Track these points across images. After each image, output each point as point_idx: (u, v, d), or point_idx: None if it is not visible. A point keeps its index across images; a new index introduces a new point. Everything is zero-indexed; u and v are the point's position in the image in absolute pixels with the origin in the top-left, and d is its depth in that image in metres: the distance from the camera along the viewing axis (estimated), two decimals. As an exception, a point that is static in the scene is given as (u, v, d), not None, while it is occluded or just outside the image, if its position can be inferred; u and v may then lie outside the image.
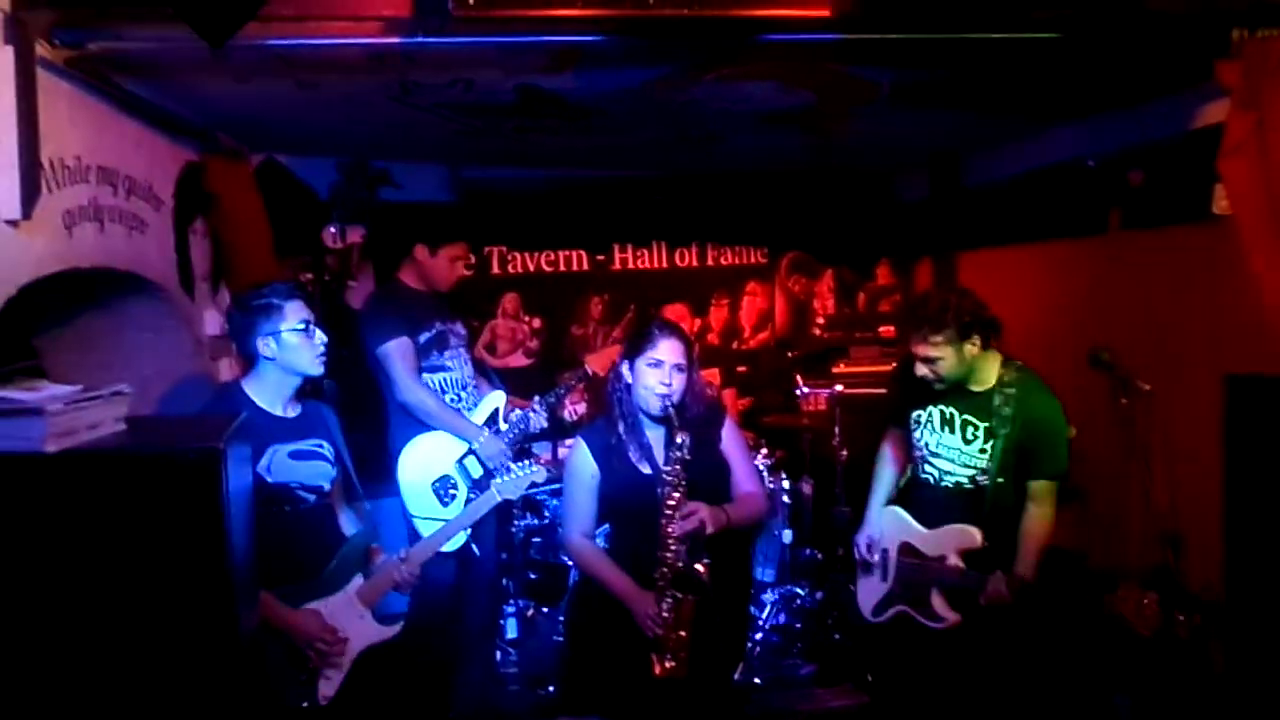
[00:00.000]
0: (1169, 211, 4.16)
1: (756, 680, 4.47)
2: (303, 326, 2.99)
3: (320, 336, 3.05)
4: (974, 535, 3.27)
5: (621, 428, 3.25)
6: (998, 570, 3.16)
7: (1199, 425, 3.60)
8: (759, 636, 4.68)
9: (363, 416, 5.25)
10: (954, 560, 3.31)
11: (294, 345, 2.98)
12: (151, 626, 2.04)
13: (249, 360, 3.07)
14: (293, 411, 3.09)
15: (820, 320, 6.87)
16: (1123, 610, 2.87)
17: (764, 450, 5.18)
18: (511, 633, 4.79)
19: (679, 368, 3.15)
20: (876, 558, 3.56)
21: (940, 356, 3.20)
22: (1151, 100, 4.13)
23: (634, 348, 3.21)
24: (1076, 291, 4.97)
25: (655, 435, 3.24)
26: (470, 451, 4.12)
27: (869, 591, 3.64)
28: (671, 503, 3.06)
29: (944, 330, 3.17)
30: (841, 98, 4.10)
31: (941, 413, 3.39)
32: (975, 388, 3.32)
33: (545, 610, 4.85)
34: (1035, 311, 5.18)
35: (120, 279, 3.42)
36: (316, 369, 3.06)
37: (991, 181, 5.69)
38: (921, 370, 3.27)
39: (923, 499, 3.48)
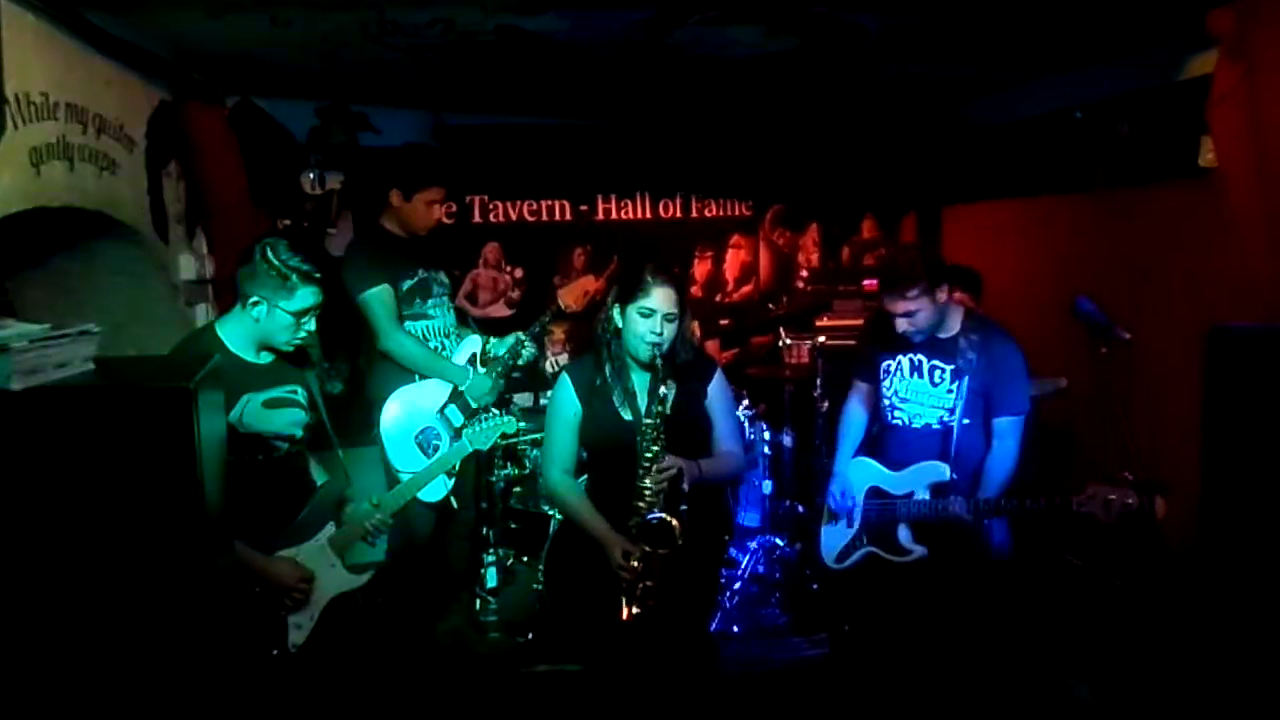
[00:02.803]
0: (1155, 167, 4.14)
1: (735, 629, 4.50)
2: (298, 313, 2.93)
3: (310, 327, 3.00)
4: (942, 469, 3.41)
5: (607, 370, 3.22)
6: (958, 496, 3.31)
7: (1181, 376, 3.61)
8: (738, 586, 4.71)
9: (343, 365, 5.24)
10: (923, 495, 3.45)
11: (280, 324, 2.93)
12: (122, 567, 2.02)
13: (237, 297, 3.01)
14: (266, 357, 3.05)
15: (804, 274, 6.85)
16: (1091, 510, 2.98)
17: (745, 402, 5.17)
18: (491, 581, 4.79)
19: (670, 317, 3.10)
20: (848, 505, 3.66)
21: (918, 309, 3.34)
22: (1140, 50, 4.09)
23: (626, 294, 3.16)
24: (1061, 245, 4.97)
25: (640, 381, 3.21)
26: (451, 401, 4.10)
27: (833, 538, 3.75)
28: (649, 455, 3.04)
29: (919, 283, 3.30)
30: (828, 43, 4.04)
31: (910, 360, 3.53)
32: (941, 335, 3.48)
33: (525, 559, 4.86)
34: (1020, 265, 5.19)
35: (92, 220, 3.35)
36: (284, 347, 3.01)
37: (978, 132, 5.66)
38: (903, 326, 3.39)
39: (893, 442, 3.61)
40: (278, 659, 2.97)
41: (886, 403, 3.61)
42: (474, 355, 4.22)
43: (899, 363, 3.56)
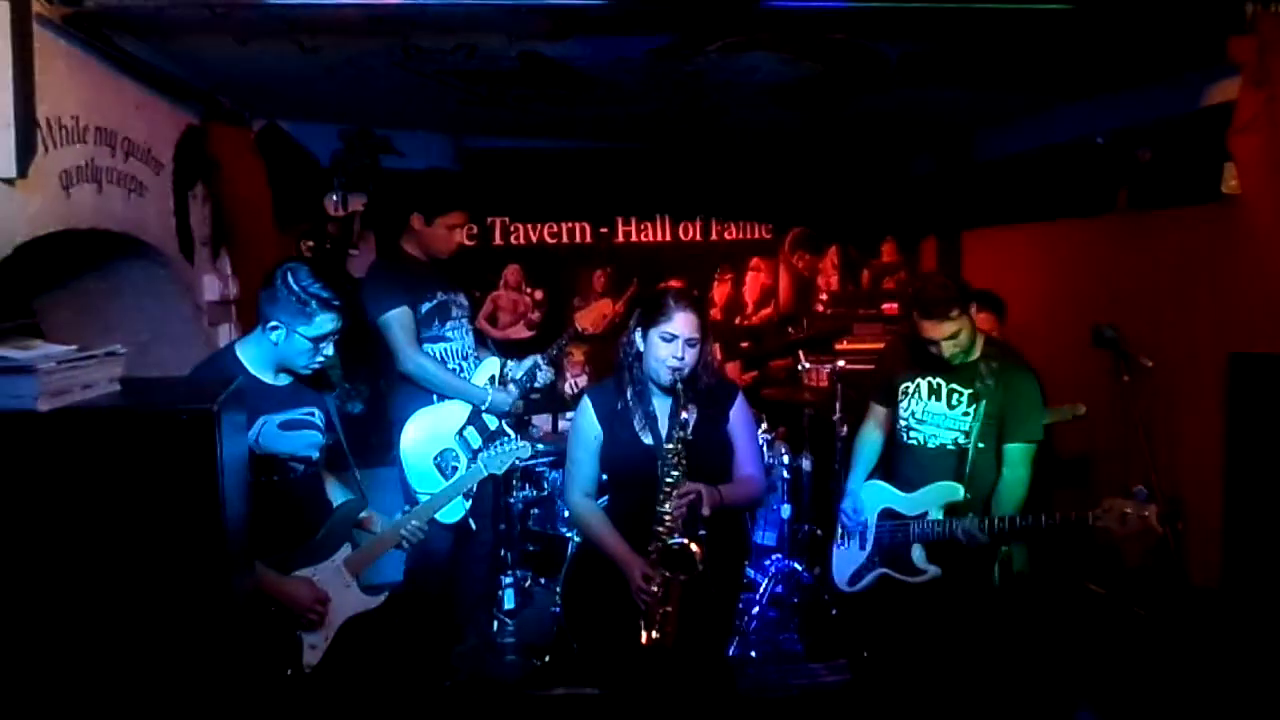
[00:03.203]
0: (1177, 191, 4.12)
1: (752, 654, 4.48)
2: (316, 338, 2.95)
3: (328, 352, 3.02)
4: (957, 489, 3.43)
5: (629, 394, 3.22)
6: (971, 514, 3.33)
7: (1202, 404, 3.59)
8: (755, 610, 4.69)
9: (363, 386, 5.28)
10: (936, 515, 3.46)
11: (298, 349, 2.95)
12: (143, 587, 2.04)
13: (258, 319, 3.04)
14: (284, 379, 3.07)
15: (824, 297, 6.84)
16: (1107, 524, 2.97)
17: (764, 425, 5.16)
18: (509, 603, 4.80)
19: (691, 342, 3.10)
20: (859, 527, 3.68)
21: (960, 328, 3.36)
22: (1162, 77, 4.08)
23: (647, 318, 3.16)
24: (1082, 270, 4.95)
25: (661, 405, 3.20)
26: (469, 423, 4.11)
27: (846, 561, 3.76)
28: (669, 480, 3.03)
29: (957, 303, 3.33)
30: (848, 70, 4.06)
31: (929, 383, 3.55)
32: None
33: (543, 581, 4.86)
34: (1040, 290, 5.17)
35: (119, 242, 3.40)
36: (302, 371, 3.04)
37: (999, 158, 5.66)
38: (948, 349, 3.39)
39: (907, 463, 3.63)
40: (292, 679, 2.97)
41: (902, 424, 3.62)
42: (492, 376, 4.23)
43: (917, 385, 3.58)
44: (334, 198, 5.15)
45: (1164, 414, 3.84)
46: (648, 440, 3.17)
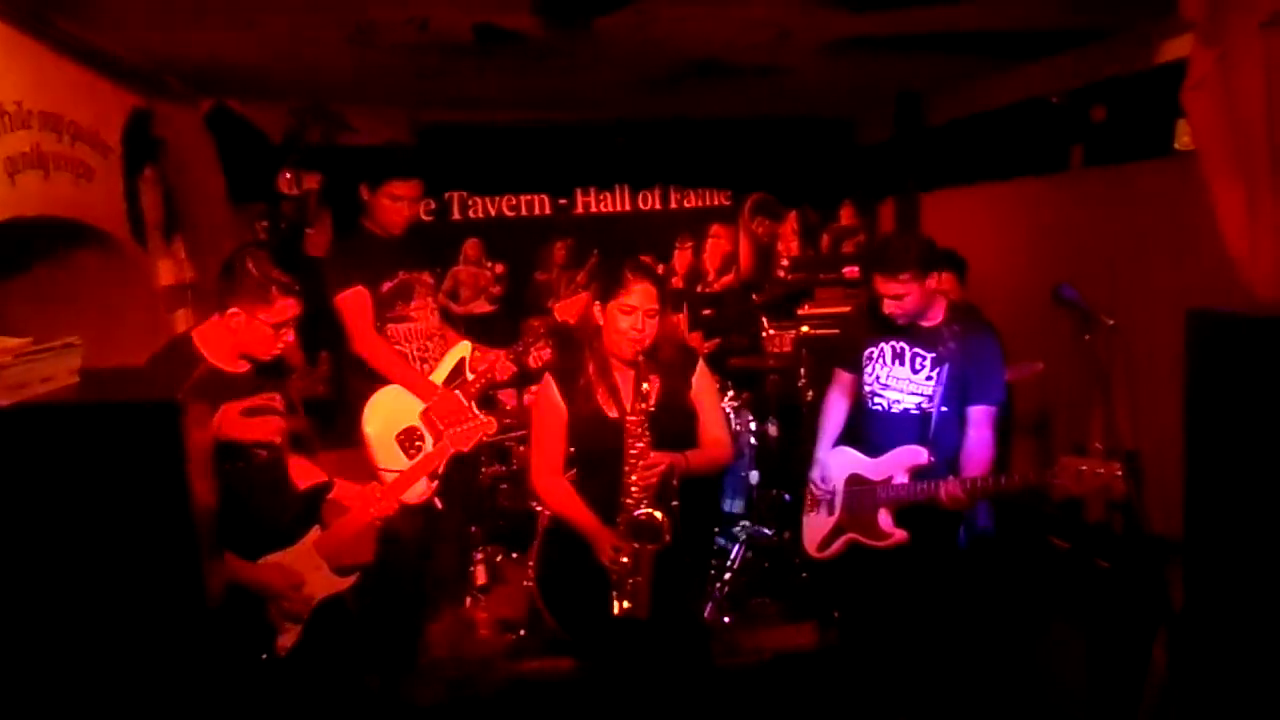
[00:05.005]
0: (1132, 148, 4.17)
1: (725, 619, 4.52)
2: (276, 325, 2.91)
3: (289, 337, 2.97)
4: (920, 453, 3.43)
5: (591, 369, 3.23)
6: (949, 476, 3.35)
7: (1161, 361, 3.63)
8: (728, 576, 4.73)
9: (326, 367, 5.23)
10: (902, 479, 3.47)
11: (258, 335, 2.91)
12: (114, 581, 2.02)
13: (216, 306, 2.98)
14: (243, 366, 3.03)
15: (784, 262, 6.86)
16: (1064, 483, 3.01)
17: (730, 393, 5.18)
18: (481, 579, 4.80)
19: (651, 313, 3.12)
20: (827, 495, 3.69)
21: (906, 293, 3.35)
22: (1114, 35, 4.11)
23: (606, 291, 3.17)
24: (1040, 229, 4.99)
25: (624, 378, 3.22)
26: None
27: (815, 526, 3.76)
28: (634, 452, 3.05)
29: (910, 269, 3.31)
30: (805, 32, 4.05)
31: (893, 348, 3.57)
32: (924, 323, 3.51)
33: (514, 556, 4.86)
34: (999, 249, 5.21)
35: (69, 229, 3.33)
36: (263, 357, 3.00)
37: (955, 120, 5.68)
38: (890, 308, 3.40)
39: (872, 427, 3.64)
40: (267, 663, 2.96)
41: (868, 389, 3.64)
42: (462, 360, 4.17)
43: (881, 350, 3.59)
44: (288, 175, 5.07)
45: (1123, 369, 3.89)
46: (612, 414, 3.19)
